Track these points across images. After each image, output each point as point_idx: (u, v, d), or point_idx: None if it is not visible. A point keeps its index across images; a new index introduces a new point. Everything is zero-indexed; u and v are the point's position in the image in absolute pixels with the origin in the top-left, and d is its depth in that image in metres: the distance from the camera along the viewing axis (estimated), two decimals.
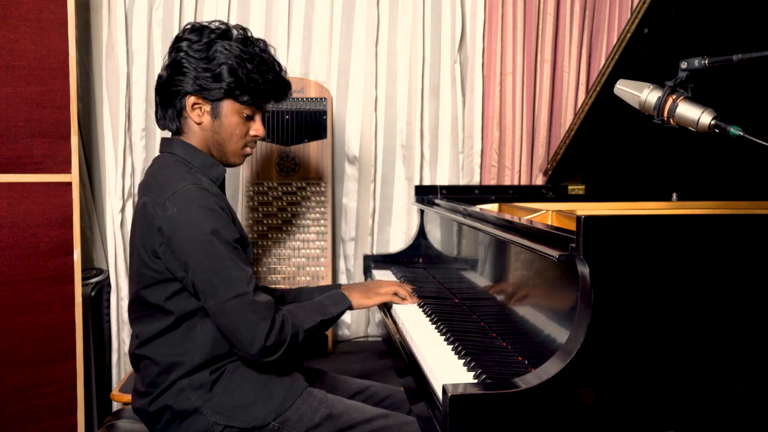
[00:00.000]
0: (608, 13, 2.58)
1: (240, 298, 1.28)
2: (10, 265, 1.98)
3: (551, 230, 1.20)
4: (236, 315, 1.28)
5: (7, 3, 1.93)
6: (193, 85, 1.39)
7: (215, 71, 1.38)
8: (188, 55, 1.39)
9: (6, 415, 1.99)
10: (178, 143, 1.45)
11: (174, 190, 1.31)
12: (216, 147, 1.46)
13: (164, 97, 1.44)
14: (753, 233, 1.12)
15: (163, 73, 1.45)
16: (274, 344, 1.30)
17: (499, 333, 1.44)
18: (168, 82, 1.42)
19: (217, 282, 1.28)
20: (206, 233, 1.28)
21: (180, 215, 1.28)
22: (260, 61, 1.43)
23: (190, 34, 1.42)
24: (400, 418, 1.45)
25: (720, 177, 2.15)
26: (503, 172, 2.57)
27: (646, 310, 1.07)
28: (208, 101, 1.41)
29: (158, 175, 1.39)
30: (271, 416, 1.36)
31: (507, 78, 2.53)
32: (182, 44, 1.41)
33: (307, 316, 1.40)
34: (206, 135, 1.44)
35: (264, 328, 1.28)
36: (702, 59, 1.14)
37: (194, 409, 1.34)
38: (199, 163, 1.43)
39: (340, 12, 2.47)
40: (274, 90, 1.48)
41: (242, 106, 1.43)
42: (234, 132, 1.45)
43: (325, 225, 2.37)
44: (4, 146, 1.96)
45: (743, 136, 1.05)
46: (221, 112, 1.42)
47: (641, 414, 1.08)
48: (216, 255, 1.28)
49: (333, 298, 1.54)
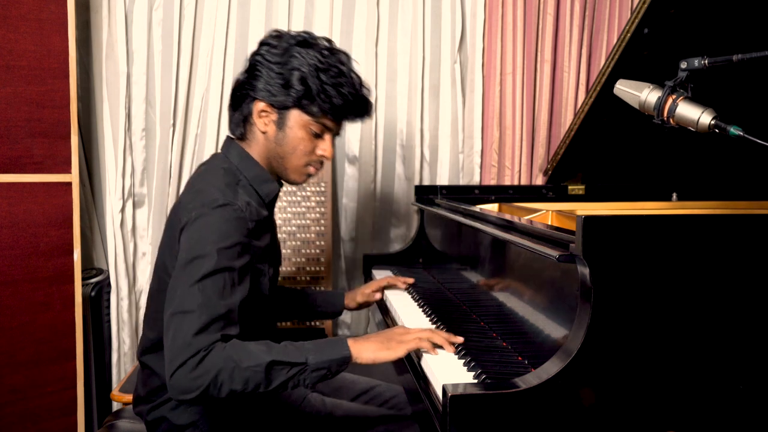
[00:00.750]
0: (608, 13, 2.58)
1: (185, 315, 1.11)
2: (10, 265, 1.98)
3: (551, 230, 1.20)
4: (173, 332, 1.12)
5: (7, 3, 1.93)
6: (263, 90, 1.31)
7: (286, 77, 1.29)
8: (264, 58, 1.32)
9: (6, 415, 1.99)
10: (236, 149, 1.38)
11: (204, 201, 1.23)
12: (277, 160, 1.37)
13: (234, 99, 1.38)
14: (753, 233, 1.12)
15: (239, 76, 1.38)
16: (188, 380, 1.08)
17: (499, 333, 1.44)
18: (240, 85, 1.36)
19: (183, 294, 1.14)
20: (208, 247, 1.17)
21: (196, 223, 1.21)
22: (337, 72, 1.31)
23: (272, 39, 1.35)
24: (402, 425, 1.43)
25: (720, 177, 2.15)
26: (503, 172, 2.57)
27: (646, 310, 1.07)
28: (275, 109, 1.32)
29: (202, 179, 1.32)
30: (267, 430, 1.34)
31: (507, 78, 2.53)
32: (262, 48, 1.34)
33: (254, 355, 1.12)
34: (269, 146, 1.36)
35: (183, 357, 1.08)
36: (702, 59, 1.14)
37: (191, 422, 1.32)
38: (251, 176, 1.35)
39: (340, 12, 2.47)
40: (349, 107, 1.35)
41: (310, 119, 1.32)
42: (298, 146, 1.34)
43: (325, 225, 2.37)
44: (4, 146, 1.96)
45: (743, 136, 1.05)
46: (287, 123, 1.33)
47: (641, 414, 1.08)
48: (202, 272, 1.15)
49: (326, 343, 1.21)
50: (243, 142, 1.39)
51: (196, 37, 2.39)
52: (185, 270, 1.16)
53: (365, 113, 1.39)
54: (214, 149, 2.41)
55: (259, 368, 1.11)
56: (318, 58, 1.30)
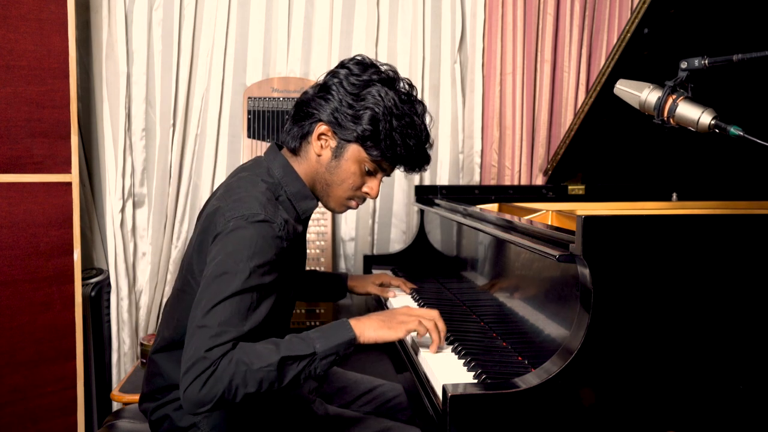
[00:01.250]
0: (608, 13, 2.58)
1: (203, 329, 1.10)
2: (10, 265, 1.98)
3: (551, 230, 1.20)
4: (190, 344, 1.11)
5: (7, 3, 1.93)
6: (330, 115, 1.29)
7: (357, 111, 1.28)
8: (341, 84, 1.30)
9: (6, 415, 1.99)
10: (280, 161, 1.36)
11: (243, 212, 1.20)
12: (322, 185, 1.36)
13: (298, 113, 1.35)
14: (753, 233, 1.12)
15: (310, 90, 1.36)
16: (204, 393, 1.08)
17: (499, 333, 1.44)
18: (309, 101, 1.33)
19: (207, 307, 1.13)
20: (238, 265, 1.15)
21: (231, 235, 1.19)
22: (409, 123, 1.30)
23: (355, 65, 1.33)
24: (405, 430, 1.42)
25: (720, 177, 2.15)
26: (503, 172, 2.57)
27: (646, 310, 1.07)
28: (336, 137, 1.31)
29: (242, 188, 1.28)
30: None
31: (507, 78, 2.53)
32: (341, 71, 1.32)
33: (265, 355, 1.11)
34: (320, 169, 1.34)
35: (196, 372, 1.08)
36: (702, 59, 1.14)
37: (192, 424, 1.32)
38: (292, 191, 1.34)
39: (340, 12, 2.47)
40: (410, 158, 1.34)
41: (368, 158, 1.31)
42: (347, 180, 1.34)
43: (325, 225, 2.37)
44: (4, 146, 1.96)
45: (743, 136, 1.05)
46: (344, 155, 1.31)
47: (641, 414, 1.08)
48: (229, 288, 1.13)
49: (329, 328, 1.21)
50: (293, 156, 1.37)
51: (196, 37, 2.39)
52: (215, 283, 1.15)
53: (421, 168, 1.39)
54: (214, 149, 2.41)
55: (270, 367, 1.10)
56: (395, 101, 1.29)
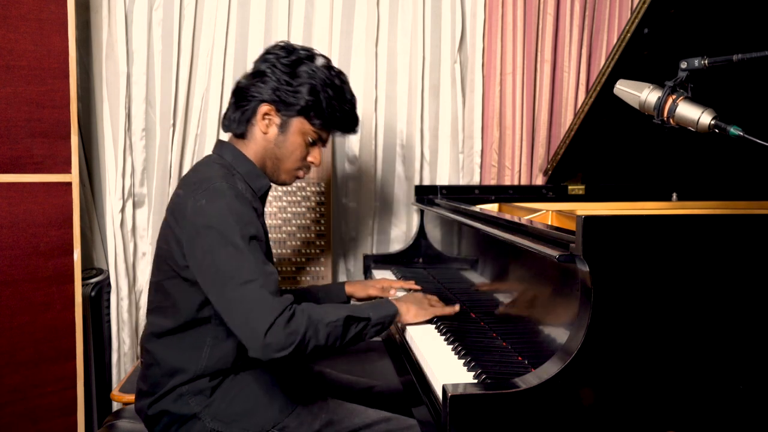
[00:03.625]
0: (608, 13, 2.58)
1: (249, 284, 1.21)
2: (10, 265, 1.98)
3: (551, 230, 1.20)
4: (241, 303, 1.21)
5: (7, 3, 1.93)
6: (272, 94, 1.40)
7: (296, 87, 1.39)
8: (273, 66, 1.40)
9: (6, 415, 1.99)
10: (228, 148, 1.45)
11: (207, 186, 1.31)
12: (272, 160, 1.46)
13: (238, 99, 1.44)
14: (753, 233, 1.12)
15: (243, 80, 1.46)
16: (283, 337, 1.18)
17: (499, 333, 1.44)
18: (246, 87, 1.43)
19: (231, 269, 1.23)
20: (229, 224, 1.26)
21: (208, 205, 1.28)
22: (341, 89, 1.44)
23: (280, 50, 1.43)
24: (402, 422, 1.44)
25: (720, 177, 2.15)
26: (503, 172, 2.57)
27: (646, 310, 1.07)
28: (279, 114, 1.42)
29: (198, 172, 1.40)
30: (270, 423, 1.35)
31: (507, 78, 2.53)
32: (269, 56, 1.43)
33: (330, 311, 1.28)
34: (267, 146, 1.44)
35: (270, 318, 1.18)
36: (702, 59, 1.14)
37: (193, 414, 1.33)
38: (244, 171, 1.43)
39: (340, 12, 2.47)
40: (346, 122, 1.48)
41: (311, 128, 1.43)
42: (294, 151, 1.45)
43: (325, 225, 2.37)
44: (4, 146, 1.96)
45: (743, 136, 1.05)
46: (289, 129, 1.43)
47: (641, 414, 1.08)
48: (234, 245, 1.24)
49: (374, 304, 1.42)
50: (240, 140, 1.46)
51: (196, 37, 2.38)
52: (217, 251, 1.24)
53: (354, 130, 1.53)
54: None
55: (338, 323, 1.26)
56: (326, 73, 1.42)
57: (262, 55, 1.46)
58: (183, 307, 1.34)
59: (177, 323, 1.35)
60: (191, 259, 1.29)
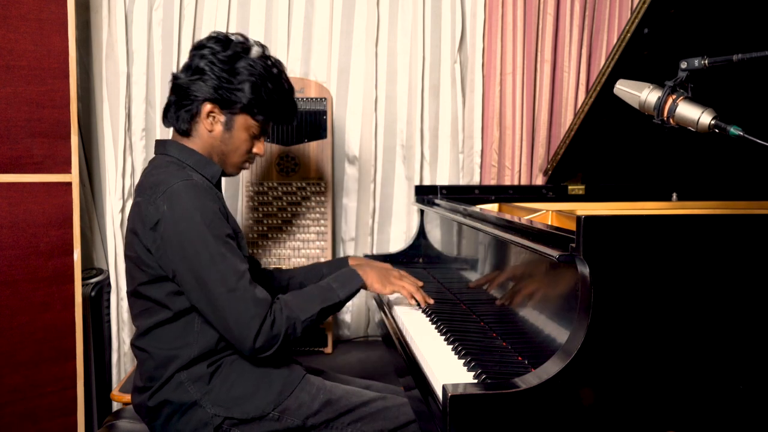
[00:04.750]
0: (608, 13, 2.58)
1: (232, 293, 1.28)
2: (10, 265, 1.98)
3: (551, 230, 1.20)
4: (228, 310, 1.28)
5: (7, 3, 1.93)
6: (213, 93, 1.41)
7: (237, 85, 1.41)
8: (212, 63, 1.41)
9: (6, 415, 1.99)
10: (172, 144, 1.48)
11: (165, 189, 1.32)
12: (218, 156, 1.49)
13: (180, 98, 1.45)
14: (753, 233, 1.12)
15: (181, 75, 1.46)
16: (268, 340, 1.29)
17: (499, 333, 1.44)
18: (187, 86, 1.43)
19: (209, 276, 1.28)
20: (197, 228, 1.29)
21: (171, 211, 1.30)
22: (279, 81, 1.47)
23: (215, 43, 1.44)
24: (396, 400, 1.48)
25: (720, 177, 2.15)
26: (503, 172, 2.57)
27: (646, 310, 1.07)
28: (223, 112, 1.44)
29: (151, 175, 1.41)
30: (270, 406, 1.37)
31: (507, 78, 2.53)
32: (205, 51, 1.43)
33: (305, 307, 1.38)
34: (213, 143, 1.47)
35: (256, 324, 1.27)
36: (702, 59, 1.14)
37: (193, 402, 1.35)
38: (192, 162, 1.45)
39: (340, 12, 2.47)
40: (287, 113, 1.52)
41: (255, 123, 1.47)
42: (240, 147, 1.48)
43: (325, 225, 2.37)
44: (4, 146, 1.96)
45: (743, 136, 1.05)
46: (234, 126, 1.46)
47: (641, 414, 1.08)
48: (208, 249, 1.28)
49: (342, 277, 1.49)
50: (184, 138, 1.49)
51: (196, 37, 2.38)
52: (193, 257, 1.28)
53: (293, 120, 1.58)
54: None
55: (313, 317, 1.38)
56: (263, 66, 1.44)
57: (196, 49, 1.45)
58: (165, 301, 1.36)
59: (164, 317, 1.37)
60: (166, 265, 1.31)
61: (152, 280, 1.35)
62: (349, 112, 2.51)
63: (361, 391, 1.48)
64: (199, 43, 1.47)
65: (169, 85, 1.49)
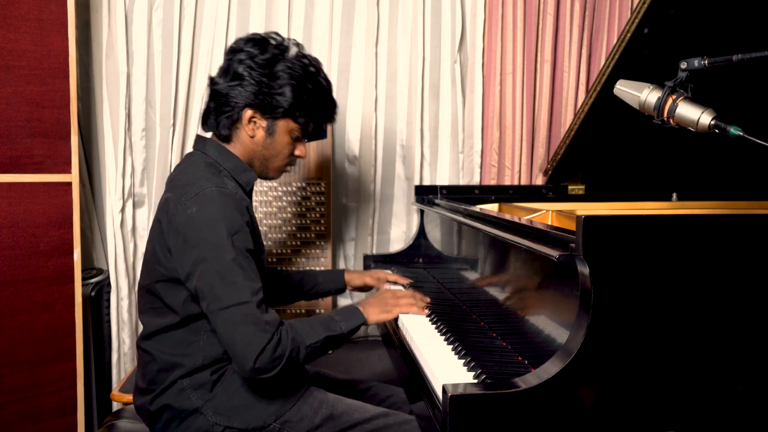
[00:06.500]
0: (608, 13, 2.58)
1: (241, 306, 1.23)
2: (10, 265, 1.98)
3: (551, 230, 1.20)
4: (234, 324, 1.23)
5: (7, 3, 1.93)
6: (254, 99, 1.39)
7: (278, 90, 1.38)
8: (250, 68, 1.38)
9: (6, 415, 1.99)
10: (212, 144, 1.45)
11: (197, 191, 1.29)
12: (261, 160, 1.47)
13: (220, 104, 1.42)
14: (753, 233, 1.12)
15: (219, 80, 1.43)
16: (270, 361, 1.23)
17: (499, 333, 1.44)
18: (226, 91, 1.40)
19: (222, 286, 1.24)
20: (221, 236, 1.25)
21: (198, 215, 1.27)
22: (318, 81, 1.44)
23: (252, 46, 1.40)
24: (400, 417, 1.45)
25: (720, 177, 2.15)
26: (503, 172, 2.57)
27: (646, 310, 1.07)
28: (265, 117, 1.41)
29: (185, 173, 1.39)
30: (271, 417, 1.36)
31: (507, 78, 2.53)
32: (242, 55, 1.39)
33: (311, 332, 1.32)
34: (255, 148, 1.45)
35: (260, 344, 1.21)
36: (702, 59, 1.14)
37: (194, 409, 1.34)
38: (230, 167, 1.43)
39: (340, 12, 2.47)
40: (327, 112, 1.50)
41: (296, 126, 1.44)
42: (282, 150, 1.46)
43: (325, 225, 2.37)
44: (4, 146, 1.96)
45: (743, 136, 1.05)
46: (276, 130, 1.43)
47: (641, 414, 1.08)
48: (226, 259, 1.25)
49: (344, 312, 1.43)
50: (226, 143, 1.46)
51: (196, 37, 2.39)
52: (209, 263, 1.25)
53: (335, 118, 1.54)
54: None
55: (318, 344, 1.32)
56: (301, 66, 1.41)
57: (234, 53, 1.42)
58: (175, 306, 1.35)
59: (171, 322, 1.36)
60: (181, 267, 1.29)
61: (166, 279, 1.34)
62: (349, 112, 2.51)
63: (364, 406, 1.45)
64: (235, 45, 1.43)
65: (207, 90, 1.47)
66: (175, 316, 1.35)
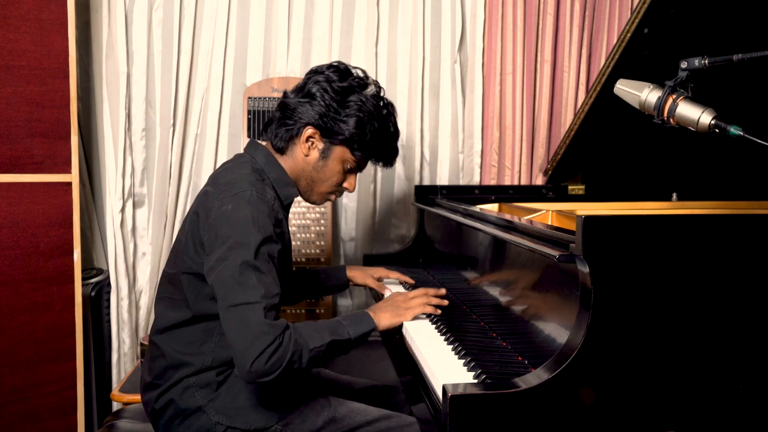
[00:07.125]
0: (608, 13, 2.58)
1: (248, 306, 1.21)
2: (10, 265, 1.98)
3: (551, 230, 1.20)
4: (238, 324, 1.21)
5: (7, 3, 1.94)
6: (318, 119, 1.40)
7: (343, 117, 1.40)
8: (324, 90, 1.40)
9: (6, 415, 1.99)
10: (262, 151, 1.46)
11: (237, 191, 1.30)
12: (307, 181, 1.47)
13: (284, 116, 1.44)
14: (753, 233, 1.12)
15: (291, 95, 1.45)
16: (268, 365, 1.19)
17: (499, 333, 1.44)
18: (294, 106, 1.42)
19: (235, 285, 1.23)
20: (247, 237, 1.25)
21: (232, 213, 1.28)
22: (386, 124, 1.46)
23: (333, 72, 1.43)
24: (402, 420, 1.44)
25: (720, 177, 2.15)
26: (503, 172, 2.57)
27: (646, 310, 1.07)
28: (323, 140, 1.42)
29: (230, 171, 1.39)
30: (273, 419, 1.36)
31: (507, 78, 2.53)
32: (320, 78, 1.42)
33: (315, 335, 1.27)
34: (305, 168, 1.45)
35: (260, 347, 1.18)
36: (702, 59, 1.14)
37: (198, 407, 1.35)
38: (274, 177, 1.43)
39: (340, 12, 2.47)
40: (386, 155, 1.50)
41: (352, 158, 1.45)
42: (332, 178, 1.46)
43: (325, 225, 2.37)
44: (4, 146, 1.96)
45: (743, 136, 1.05)
46: (330, 155, 1.43)
47: (641, 414, 1.08)
48: (247, 261, 1.24)
49: (353, 317, 1.38)
50: (277, 154, 1.46)
51: (196, 37, 2.39)
52: (230, 261, 1.24)
53: (393, 163, 1.54)
54: (214, 149, 2.41)
55: (322, 348, 1.27)
56: (374, 105, 1.43)
57: (314, 74, 1.44)
58: (193, 302, 1.35)
59: (186, 317, 1.36)
60: (207, 261, 1.29)
61: (192, 273, 1.34)
62: None
63: (366, 409, 1.45)
64: (318, 68, 1.46)
65: (277, 102, 1.48)
66: (188, 311, 1.36)
